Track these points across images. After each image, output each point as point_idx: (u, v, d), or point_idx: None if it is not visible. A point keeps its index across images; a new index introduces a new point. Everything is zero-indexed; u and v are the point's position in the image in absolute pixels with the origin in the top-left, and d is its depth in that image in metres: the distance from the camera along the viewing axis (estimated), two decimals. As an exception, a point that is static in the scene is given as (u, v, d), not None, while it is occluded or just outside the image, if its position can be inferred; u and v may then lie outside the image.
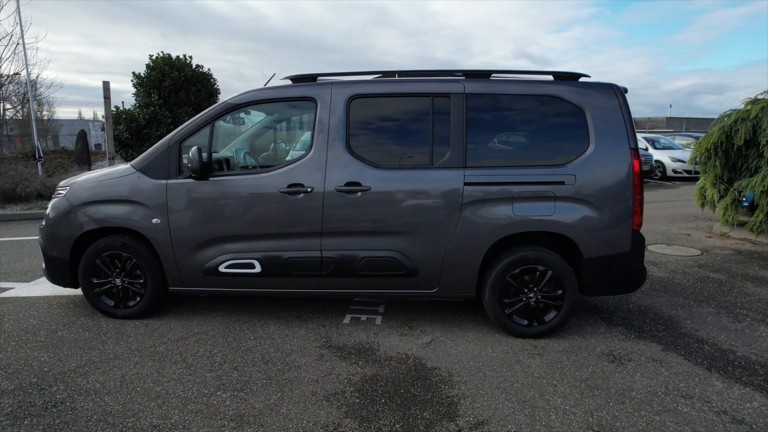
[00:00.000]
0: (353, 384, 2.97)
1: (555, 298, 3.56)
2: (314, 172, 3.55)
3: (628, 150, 3.47)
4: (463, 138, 3.51)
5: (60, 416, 2.57)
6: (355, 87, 3.63)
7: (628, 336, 3.69)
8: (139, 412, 2.63)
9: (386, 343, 3.54)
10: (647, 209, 9.69)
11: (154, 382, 2.95)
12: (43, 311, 4.04)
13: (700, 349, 3.47)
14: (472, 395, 2.85)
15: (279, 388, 2.92)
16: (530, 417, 2.63)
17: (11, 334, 3.57)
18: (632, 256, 3.53)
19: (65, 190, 3.88)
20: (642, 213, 3.53)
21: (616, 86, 3.58)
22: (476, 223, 3.50)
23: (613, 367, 3.20)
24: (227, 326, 3.80)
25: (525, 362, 3.26)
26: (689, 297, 4.55)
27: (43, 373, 3.03)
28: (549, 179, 3.46)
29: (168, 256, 3.71)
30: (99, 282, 3.83)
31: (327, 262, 3.60)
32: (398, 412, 2.67)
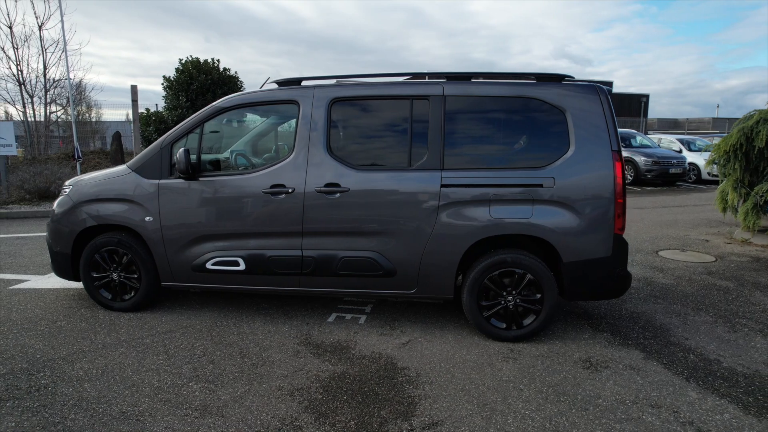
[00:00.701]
0: (320, 381, 3.04)
1: (534, 302, 3.53)
2: (295, 173, 3.65)
3: (610, 152, 3.39)
4: (441, 140, 3.53)
5: (40, 400, 2.76)
6: (336, 90, 3.70)
7: (612, 343, 3.60)
8: (112, 399, 2.78)
9: (364, 342, 3.59)
10: (671, 213, 9.35)
11: (134, 371, 3.11)
12: (50, 302, 4.30)
13: (683, 358, 3.36)
14: (433, 396, 2.87)
15: (248, 381, 3.02)
16: (486, 420, 2.63)
17: (15, 323, 3.83)
18: (614, 261, 3.45)
19: (69, 189, 4.12)
20: (624, 217, 3.44)
21: (600, 87, 3.51)
22: (453, 226, 3.50)
23: (586, 373, 3.14)
24: (215, 321, 3.95)
25: (497, 365, 3.24)
26: (688, 305, 4.39)
27: (35, 359, 3.24)
28: (527, 182, 3.43)
29: (160, 252, 3.88)
30: (98, 276, 4.05)
31: (307, 262, 3.69)
32: (356, 410, 2.72)
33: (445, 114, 3.54)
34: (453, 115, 3.54)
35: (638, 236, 7.24)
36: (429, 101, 3.56)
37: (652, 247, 6.54)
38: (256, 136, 4.45)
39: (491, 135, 3.58)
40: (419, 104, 3.58)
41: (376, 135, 3.76)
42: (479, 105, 3.57)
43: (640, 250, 6.41)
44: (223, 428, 2.54)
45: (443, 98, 3.55)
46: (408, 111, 3.59)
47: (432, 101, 3.56)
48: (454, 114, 3.55)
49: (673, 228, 7.94)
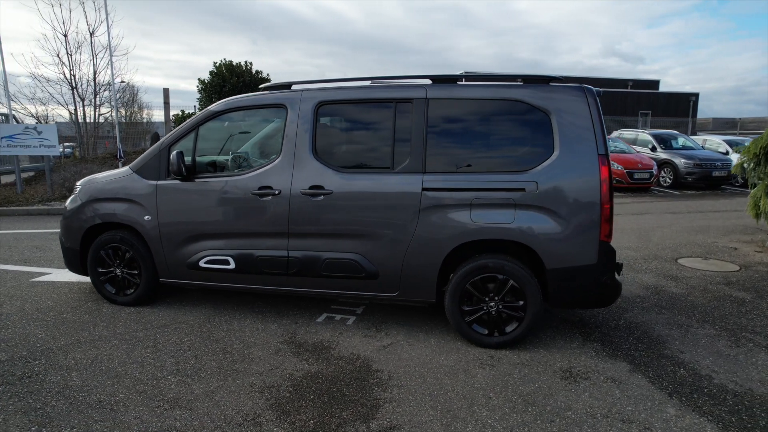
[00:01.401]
0: (293, 379, 3.10)
1: (516, 308, 3.45)
2: (282, 176, 3.73)
3: (596, 156, 3.28)
4: (423, 143, 3.51)
5: (28, 386, 2.95)
6: (323, 93, 3.76)
7: (599, 353, 3.48)
8: (94, 389, 2.94)
9: (345, 343, 3.63)
10: (706, 219, 8.89)
11: (120, 363, 3.27)
12: (62, 295, 4.58)
13: (673, 372, 3.20)
14: (399, 400, 2.87)
15: (224, 377, 3.12)
16: (445, 427, 2.61)
17: (26, 313, 4.10)
18: (600, 269, 3.33)
19: (79, 188, 4.38)
20: (611, 223, 3.32)
21: (587, 88, 3.39)
22: (434, 229, 3.48)
23: (563, 384, 3.05)
24: (208, 317, 4.09)
25: (472, 372, 3.20)
26: (694, 316, 4.17)
27: (34, 348, 3.47)
28: (509, 186, 3.37)
29: (158, 250, 4.06)
30: (103, 271, 4.28)
31: (293, 262, 3.76)
32: (319, 410, 2.76)
33: (428, 117, 3.52)
34: (436, 118, 3.52)
35: (661, 242, 6.92)
36: (412, 104, 3.56)
37: (672, 255, 6.23)
38: (250, 139, 4.56)
39: (474, 138, 3.53)
40: (403, 107, 3.58)
41: (360, 138, 3.79)
42: (462, 107, 3.53)
43: (658, 257, 6.13)
44: (188, 421, 2.64)
45: (426, 101, 3.54)
46: (392, 114, 3.60)
47: (415, 104, 3.55)
48: (437, 117, 3.52)
49: (702, 234, 7.53)
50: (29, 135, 10.34)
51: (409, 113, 3.56)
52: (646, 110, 30.81)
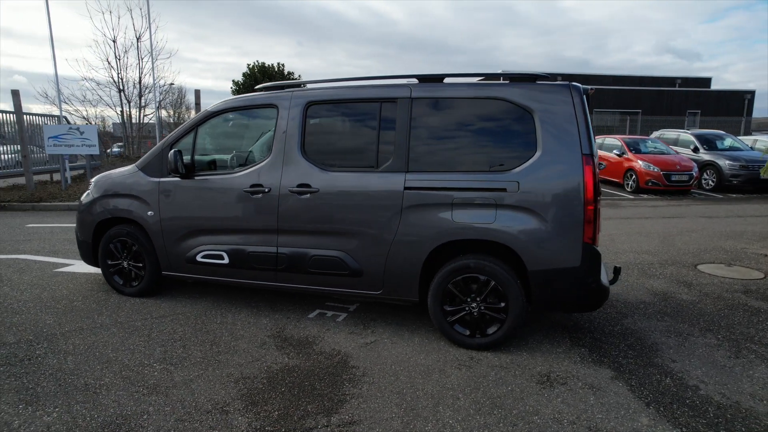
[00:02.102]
0: (269, 372, 3.19)
1: (498, 310, 3.41)
2: (272, 174, 3.83)
3: (580, 156, 3.19)
4: (407, 142, 3.52)
5: (26, 368, 3.18)
6: (312, 93, 3.83)
7: (584, 359, 3.38)
8: (83, 373, 3.13)
9: (330, 339, 3.69)
10: (744, 224, 8.43)
11: (113, 350, 3.46)
12: (78, 285, 4.87)
13: (657, 381, 3.07)
14: (366, 396, 2.90)
15: (206, 366, 3.24)
16: (404, 425, 2.62)
17: (41, 300, 4.39)
18: (583, 272, 3.24)
19: (92, 184, 4.65)
20: (595, 225, 3.21)
21: (574, 86, 3.30)
22: (416, 228, 3.48)
23: (537, 388, 2.99)
24: (205, 310, 4.25)
25: (447, 372, 3.19)
26: (698, 324, 3.96)
27: (41, 333, 3.72)
28: (490, 185, 3.33)
29: (160, 244, 4.26)
30: (112, 263, 4.53)
31: (282, 258, 3.86)
32: (286, 402, 2.83)
33: (411, 116, 3.53)
34: (419, 117, 3.52)
35: (685, 247, 6.59)
36: (397, 103, 3.57)
37: (693, 260, 5.93)
38: (249, 138, 4.70)
39: (457, 137, 3.50)
40: (388, 107, 3.60)
41: (347, 137, 3.84)
42: (445, 107, 3.51)
43: (677, 262, 5.85)
44: (161, 406, 2.77)
45: (410, 100, 3.54)
46: (377, 113, 3.63)
47: (399, 103, 3.56)
48: (420, 116, 3.52)
49: (733, 240, 7.12)
50: (72, 135, 11.01)
51: (394, 113, 3.57)
52: (695, 109, 29.29)
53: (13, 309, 4.18)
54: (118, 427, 2.56)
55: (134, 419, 2.64)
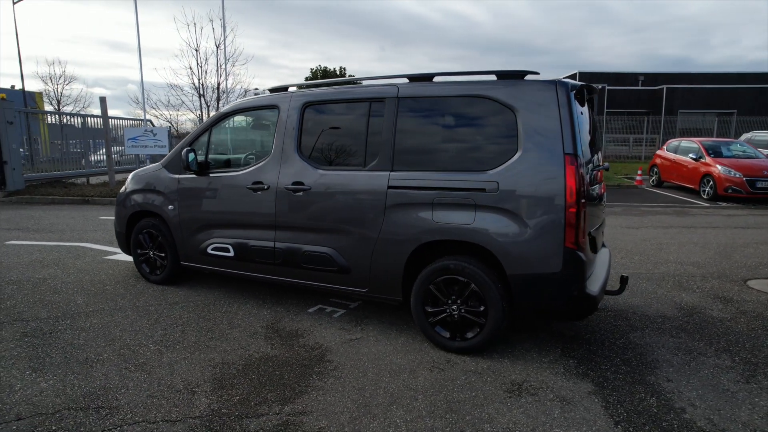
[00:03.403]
0: (247, 359, 3.34)
1: (478, 314, 3.31)
2: (271, 172, 4.00)
3: (562, 156, 3.02)
4: (392, 141, 3.53)
5: (45, 340, 3.59)
6: (309, 94, 3.96)
7: (569, 371, 3.18)
8: (89, 348, 3.48)
9: (318, 333, 3.78)
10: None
11: (121, 330, 3.81)
12: (117, 271, 5.38)
13: (639, 400, 2.83)
14: (328, 389, 2.95)
15: (195, 350, 3.47)
16: (351, 420, 2.64)
17: (81, 283, 4.91)
18: (564, 279, 3.06)
19: (128, 180, 5.12)
20: (578, 229, 3.02)
21: (562, 83, 3.12)
22: (398, 228, 3.48)
23: (504, 396, 2.88)
24: (216, 299, 4.52)
25: (417, 373, 3.16)
26: (716, 343, 3.58)
27: (69, 311, 4.17)
28: (469, 186, 3.25)
29: (178, 236, 4.60)
30: (141, 252, 4.96)
31: (278, 253, 4.02)
32: (251, 388, 2.96)
33: (397, 115, 3.53)
34: (405, 116, 3.52)
35: (742, 260, 5.93)
36: (385, 103, 3.59)
37: (745, 274, 5.33)
38: (257, 137, 4.93)
39: (441, 136, 3.45)
40: (376, 106, 3.64)
41: (339, 136, 3.92)
42: (431, 106, 3.47)
43: (725, 275, 5.28)
44: (140, 382, 3.01)
45: (397, 99, 3.55)
46: (367, 113, 3.67)
47: (387, 103, 3.58)
48: (406, 115, 3.52)
49: (808, 254, 6.28)
50: (147, 137, 12.12)
51: (382, 112, 3.60)
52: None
53: (56, 289, 4.72)
54: (97, 398, 2.83)
55: (113, 392, 2.90)
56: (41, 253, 6.14)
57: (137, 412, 2.69)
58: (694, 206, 11.10)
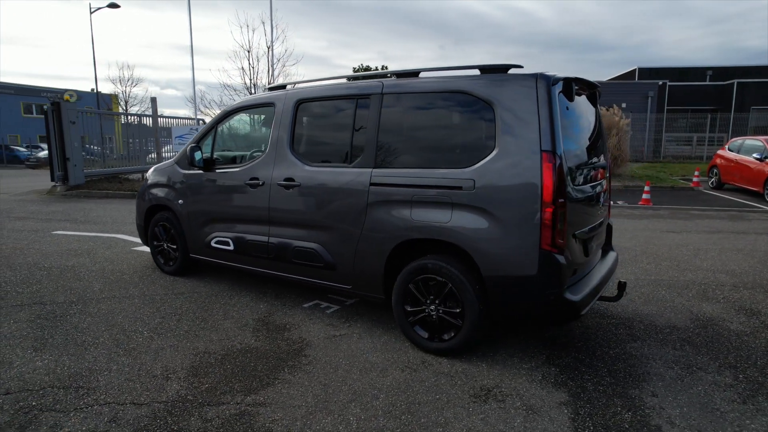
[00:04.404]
0: (229, 349, 3.44)
1: (455, 315, 3.22)
2: (266, 168, 4.09)
3: (539, 153, 2.87)
4: (375, 138, 3.50)
5: (54, 323, 3.87)
6: (302, 92, 4.00)
7: (546, 379, 3.03)
8: (89, 332, 3.71)
9: (304, 328, 3.83)
10: None
11: (124, 316, 4.03)
12: (138, 261, 5.70)
13: (613, 414, 2.64)
14: (294, 383, 2.98)
15: (183, 338, 3.61)
16: (306, 414, 2.65)
17: (103, 271, 5.25)
18: (540, 282, 2.91)
19: (148, 174, 5.40)
20: (555, 230, 2.86)
21: (543, 77, 2.96)
22: (379, 225, 3.45)
23: (468, 401, 2.78)
24: (220, 291, 4.68)
25: (387, 372, 3.12)
26: (722, 359, 3.27)
27: (83, 296, 4.47)
28: (446, 183, 3.16)
29: (187, 229, 4.81)
30: (157, 244, 5.22)
31: (272, 248, 4.10)
32: (221, 377, 3.04)
33: (381, 111, 3.50)
34: (388, 113, 3.48)
35: (787, 270, 5.39)
36: (370, 99, 3.57)
37: (785, 286, 4.84)
38: (259, 134, 5.03)
39: (422, 132, 3.38)
40: (362, 103, 3.62)
41: (328, 133, 3.94)
42: (413, 101, 3.41)
43: (759, 285, 4.82)
44: (123, 366, 3.18)
45: (381, 96, 3.52)
46: (353, 110, 3.67)
47: (372, 99, 3.56)
48: (389, 111, 3.48)
49: None
50: (192, 135, 12.74)
51: (367, 108, 3.58)
52: None
53: (79, 276, 5.07)
54: (80, 378, 3.02)
55: (96, 374, 3.08)
56: (78, 242, 6.61)
57: (110, 394, 2.84)
58: (754, 210, 10.21)
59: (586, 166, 3.44)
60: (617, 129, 14.59)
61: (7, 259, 5.67)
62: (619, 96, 23.72)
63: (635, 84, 25.48)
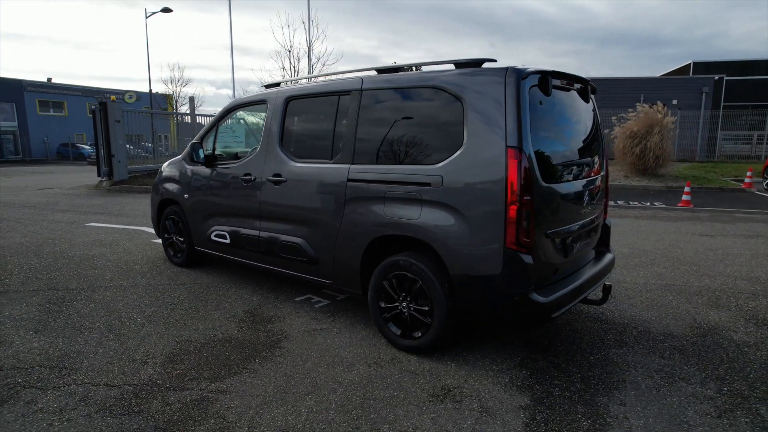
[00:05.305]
0: (210, 339, 3.56)
1: (424, 313, 3.19)
2: (258, 164, 4.20)
3: (504, 149, 2.79)
4: (354, 134, 3.52)
5: (60, 307, 4.14)
6: (291, 89, 4.08)
7: (513, 382, 2.95)
8: (89, 316, 3.94)
9: (288, 321, 3.90)
10: None
11: (124, 304, 4.25)
12: (153, 253, 5.98)
13: (571, 421, 2.53)
14: (259, 373, 3.06)
15: (171, 327, 3.78)
16: (261, 404, 2.71)
17: (120, 261, 5.55)
18: (505, 282, 2.83)
19: (161, 170, 5.66)
20: (521, 228, 2.77)
21: (513, 71, 2.86)
22: (355, 221, 3.47)
23: (425, 400, 2.75)
24: (219, 283, 4.85)
25: (354, 367, 3.14)
26: (711, 370, 3.06)
27: (94, 284, 4.75)
28: (416, 180, 3.13)
29: (191, 222, 5.01)
30: (166, 236, 5.47)
31: (262, 242, 4.21)
32: (195, 364, 3.16)
33: (359, 107, 3.51)
34: (366, 109, 3.49)
35: (821, 279, 4.95)
36: (350, 96, 3.59)
37: (812, 295, 4.45)
38: (255, 131, 5.14)
39: (396, 128, 3.36)
40: (344, 99, 3.65)
41: (313, 129, 3.99)
42: (389, 97, 3.40)
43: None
44: (108, 350, 3.36)
45: (360, 92, 3.53)
46: (335, 106, 3.70)
47: (352, 95, 3.58)
48: (367, 107, 3.48)
49: None
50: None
51: (347, 105, 3.61)
52: None
53: (96, 265, 5.39)
54: (67, 359, 3.23)
55: (82, 356, 3.27)
56: (105, 234, 7.03)
57: (89, 375, 3.02)
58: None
59: (568, 163, 3.31)
60: (660, 127, 13.84)
61: (38, 248, 6.11)
62: (670, 92, 22.52)
63: (688, 79, 24.01)
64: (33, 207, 9.80)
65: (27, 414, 2.60)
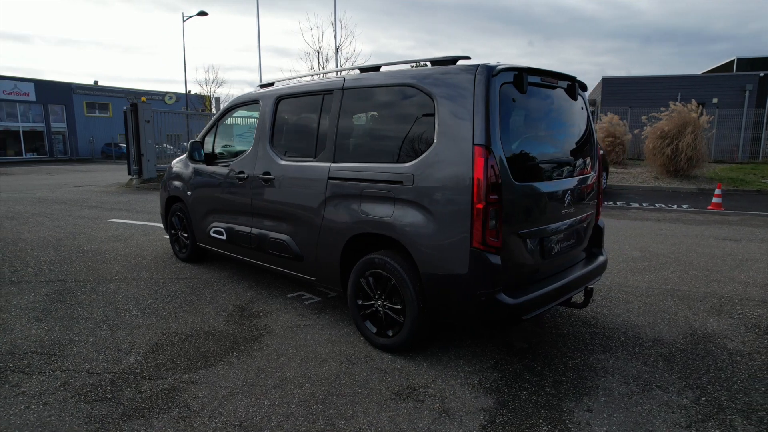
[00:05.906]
0: (196, 331, 3.67)
1: (397, 312, 3.19)
2: (251, 162, 4.29)
3: (471, 147, 2.76)
4: (335, 132, 3.55)
5: (65, 298, 4.35)
6: (282, 89, 4.15)
7: (483, 383, 2.91)
8: (89, 308, 4.13)
9: (274, 316, 3.97)
10: None
11: (124, 296, 4.43)
12: (162, 248, 6.19)
13: (530, 425, 2.48)
14: (234, 365, 3.13)
15: (163, 319, 3.91)
16: (227, 396, 2.78)
17: (129, 256, 5.78)
18: (471, 282, 2.79)
19: (169, 167, 5.86)
20: (486, 228, 2.73)
21: (484, 68, 2.82)
22: (334, 219, 3.50)
23: (387, 398, 2.76)
24: (219, 278, 4.98)
25: (326, 363, 3.17)
26: (694, 379, 2.92)
27: (100, 277, 4.97)
28: (389, 178, 3.13)
29: (193, 219, 5.17)
30: (173, 233, 5.66)
31: (253, 238, 4.30)
32: (176, 355, 3.27)
33: (341, 106, 3.54)
34: (347, 107, 3.51)
35: (844, 288, 4.63)
36: (333, 94, 3.62)
37: (829, 305, 4.17)
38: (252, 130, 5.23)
39: (373, 127, 3.37)
40: (328, 98, 3.69)
41: (300, 128, 4.04)
42: (368, 96, 3.42)
43: (794, 304, 4.20)
44: (98, 339, 3.52)
45: (342, 91, 3.56)
46: (320, 105, 3.74)
47: (335, 94, 3.61)
48: (347, 106, 3.51)
49: None
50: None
51: (330, 103, 3.64)
52: None
53: (107, 259, 5.64)
54: (59, 347, 3.39)
55: (73, 344, 3.44)
56: (123, 229, 7.33)
57: (75, 362, 3.17)
58: None
59: (548, 162, 3.24)
60: (693, 126, 13.24)
61: (58, 242, 6.43)
62: (710, 90, 21.52)
63: (730, 77, 22.83)
64: (64, 203, 10.31)
65: (9, 396, 2.75)
